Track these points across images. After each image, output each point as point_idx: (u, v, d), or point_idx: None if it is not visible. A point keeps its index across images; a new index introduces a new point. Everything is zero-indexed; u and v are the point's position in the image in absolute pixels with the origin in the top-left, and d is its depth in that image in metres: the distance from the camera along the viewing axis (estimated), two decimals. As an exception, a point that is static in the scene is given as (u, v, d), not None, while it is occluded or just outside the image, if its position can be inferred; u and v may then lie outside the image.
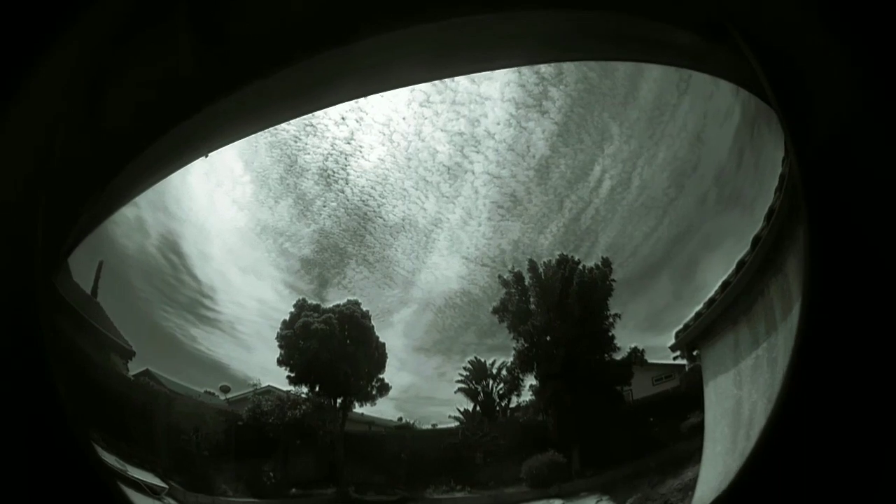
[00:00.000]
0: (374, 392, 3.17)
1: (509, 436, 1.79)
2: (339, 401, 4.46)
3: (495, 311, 1.70)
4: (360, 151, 1.72)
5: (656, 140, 1.41)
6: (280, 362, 4.69)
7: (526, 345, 1.74)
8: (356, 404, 4.44)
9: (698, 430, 1.97)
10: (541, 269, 1.66)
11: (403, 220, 1.63)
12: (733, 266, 1.81)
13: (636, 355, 1.66)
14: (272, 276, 4.56)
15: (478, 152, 1.56)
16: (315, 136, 1.81)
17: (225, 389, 4.76)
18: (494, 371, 1.77)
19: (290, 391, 4.68)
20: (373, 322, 2.52)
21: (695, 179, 1.44)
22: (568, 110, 1.43)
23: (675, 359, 1.91)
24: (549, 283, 1.69)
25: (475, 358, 1.75)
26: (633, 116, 1.41)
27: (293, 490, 4.37)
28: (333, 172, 1.69)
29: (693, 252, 1.54)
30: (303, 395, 4.62)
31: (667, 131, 1.41)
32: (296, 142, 1.76)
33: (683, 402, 2.05)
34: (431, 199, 1.63)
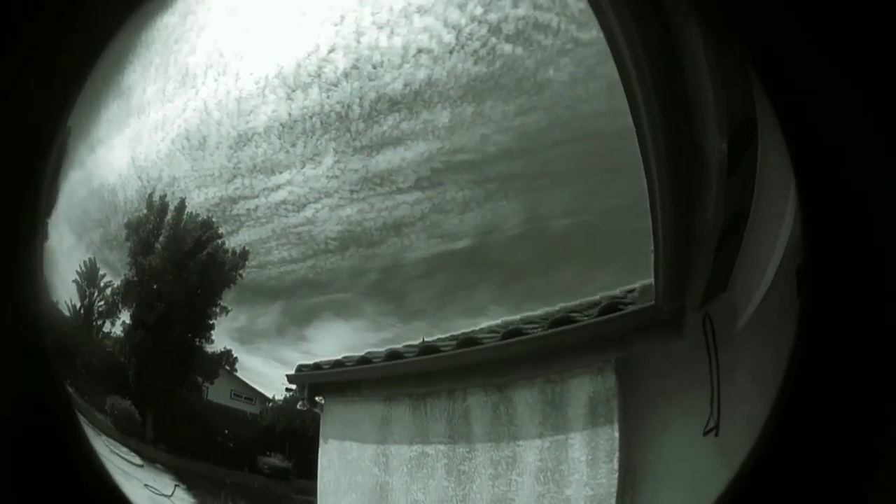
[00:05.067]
0: (41, 232, 2.85)
1: (96, 359, 1.65)
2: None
3: (128, 225, 1.53)
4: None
5: (355, 198, 1.30)
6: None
7: (135, 279, 1.57)
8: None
9: (304, 476, 1.96)
10: (185, 216, 1.50)
11: (129, 88, 1.42)
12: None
13: (228, 357, 1.55)
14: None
15: (216, 81, 1.38)
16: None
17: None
18: (101, 285, 1.61)
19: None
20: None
21: (365, 253, 1.34)
22: (309, 114, 1.28)
23: (288, 391, 1.86)
24: (183, 234, 1.53)
25: (93, 258, 1.58)
26: (354, 165, 1.28)
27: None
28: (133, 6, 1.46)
29: (318, 305, 1.42)
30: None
31: (372, 200, 1.29)
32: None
33: (267, 435, 2.02)
34: (154, 87, 1.43)
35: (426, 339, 1.58)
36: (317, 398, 1.93)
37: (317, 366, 1.74)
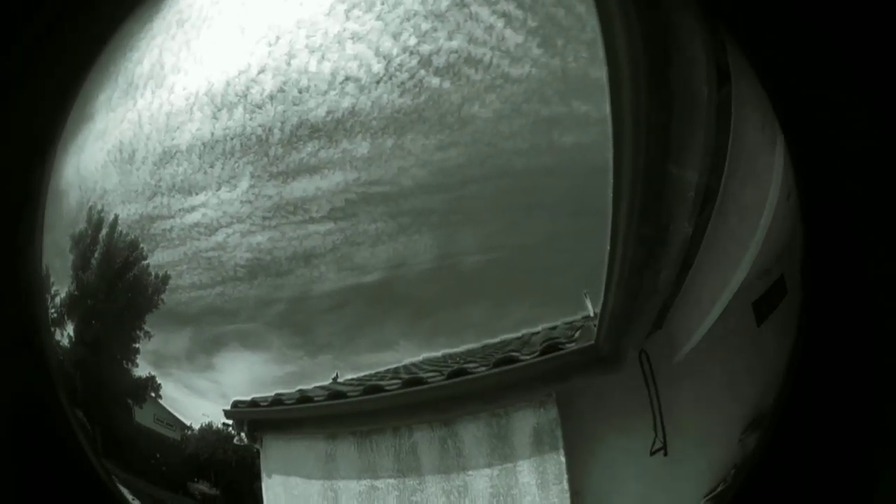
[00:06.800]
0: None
1: (53, 364, 1.58)
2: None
3: (71, 237, 1.47)
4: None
5: (266, 226, 1.25)
6: None
7: (76, 293, 1.51)
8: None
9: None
10: (116, 234, 1.44)
11: (91, 91, 1.38)
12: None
13: (153, 384, 1.50)
14: None
15: (153, 92, 1.34)
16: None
17: None
18: (52, 292, 1.54)
19: None
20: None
21: (273, 282, 1.30)
22: (230, 135, 1.22)
23: (225, 425, 1.82)
24: (114, 253, 1.48)
25: (47, 265, 1.52)
26: (268, 192, 1.23)
27: None
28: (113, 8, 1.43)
29: (225, 334, 1.36)
30: None
31: (283, 228, 1.24)
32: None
33: (193, 462, 1.99)
34: (104, 95, 1.39)
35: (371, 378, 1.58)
36: (255, 434, 1.89)
37: (254, 402, 1.73)
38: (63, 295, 1.63)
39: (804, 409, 1.11)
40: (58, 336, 1.68)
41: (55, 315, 1.68)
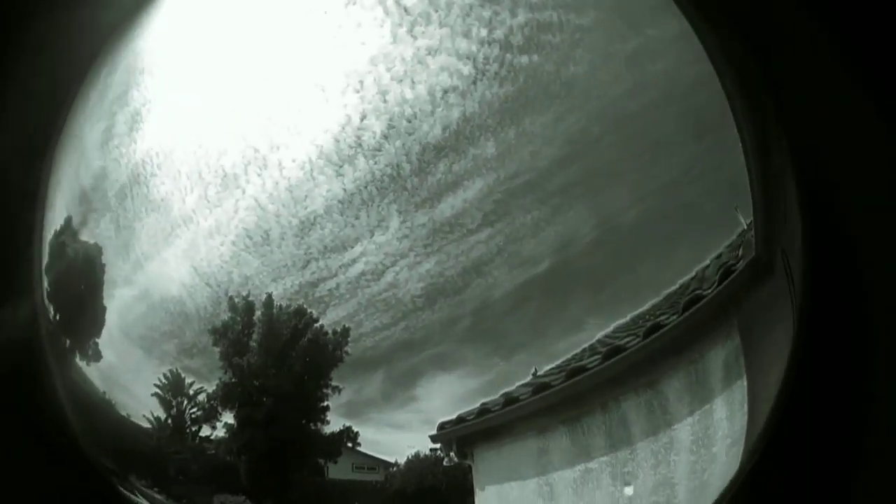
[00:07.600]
0: (90, 352, 2.85)
1: (199, 463, 1.69)
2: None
3: (213, 331, 1.54)
4: (166, 109, 1.55)
5: (430, 252, 1.31)
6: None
7: (234, 380, 1.60)
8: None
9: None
10: (275, 309, 1.52)
11: (162, 200, 1.48)
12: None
13: (349, 434, 1.56)
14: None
15: (259, 175, 1.43)
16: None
17: None
18: (191, 392, 1.64)
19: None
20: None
21: (453, 301, 1.35)
22: (363, 184, 1.31)
23: (433, 450, 1.90)
24: (278, 327, 1.56)
25: (175, 370, 1.62)
26: (420, 221, 1.30)
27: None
28: (139, 119, 1.51)
29: (419, 364, 1.44)
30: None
31: (446, 249, 1.30)
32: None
33: (400, 498, 2.07)
34: (194, 196, 1.49)
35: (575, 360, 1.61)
36: (464, 450, 1.92)
37: (460, 419, 1.76)
38: (213, 388, 1.66)
39: (804, 407, 1.06)
40: (205, 431, 1.73)
41: (199, 413, 1.74)
